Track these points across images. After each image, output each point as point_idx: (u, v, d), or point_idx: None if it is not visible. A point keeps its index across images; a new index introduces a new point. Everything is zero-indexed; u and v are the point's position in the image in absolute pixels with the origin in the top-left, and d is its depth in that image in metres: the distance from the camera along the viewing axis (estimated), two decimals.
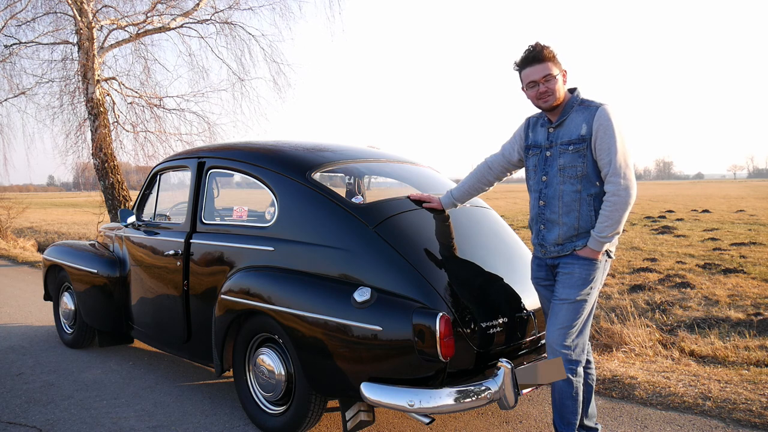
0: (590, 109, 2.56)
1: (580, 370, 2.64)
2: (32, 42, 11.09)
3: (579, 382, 2.63)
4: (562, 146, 2.60)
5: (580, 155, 2.55)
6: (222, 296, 3.23)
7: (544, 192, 2.67)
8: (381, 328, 2.54)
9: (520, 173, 3.01)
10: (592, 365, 2.85)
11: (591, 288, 2.60)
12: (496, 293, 2.93)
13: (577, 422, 2.65)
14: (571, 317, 2.58)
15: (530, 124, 2.82)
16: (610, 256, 2.66)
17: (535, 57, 2.57)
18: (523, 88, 2.68)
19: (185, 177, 3.97)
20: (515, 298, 2.94)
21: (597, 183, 2.56)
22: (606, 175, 2.52)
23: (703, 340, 4.73)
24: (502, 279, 2.99)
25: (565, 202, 2.60)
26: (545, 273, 2.77)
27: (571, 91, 2.66)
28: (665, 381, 3.71)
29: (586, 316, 2.63)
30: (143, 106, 11.57)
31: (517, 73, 2.68)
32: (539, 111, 2.77)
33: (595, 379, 2.87)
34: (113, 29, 10.77)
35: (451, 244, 3.02)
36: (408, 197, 3.14)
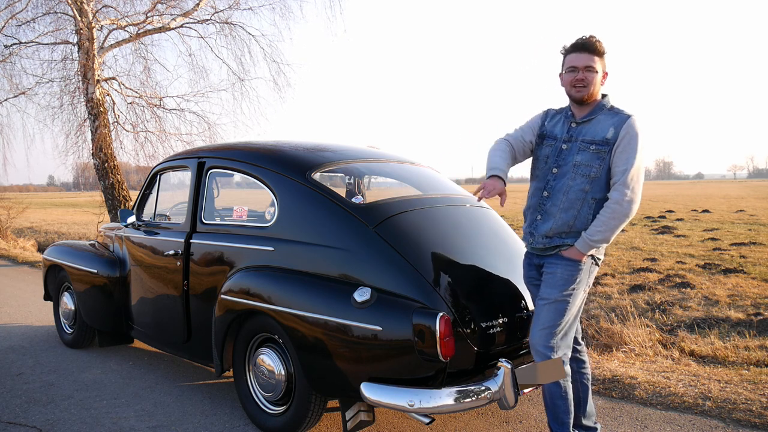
0: (620, 116, 2.55)
1: (567, 369, 2.62)
2: (32, 42, 11.09)
3: (567, 381, 2.63)
4: (584, 143, 2.57)
5: (599, 157, 2.54)
6: (222, 296, 3.23)
7: (552, 183, 2.64)
8: (381, 328, 2.54)
9: (519, 171, 2.99)
10: (587, 365, 2.85)
11: (573, 289, 2.58)
12: (496, 293, 2.93)
13: (571, 420, 2.65)
14: (553, 317, 2.56)
15: (549, 115, 2.79)
16: (596, 263, 2.66)
17: (585, 45, 2.55)
18: (561, 74, 2.66)
19: (185, 177, 3.97)
20: (515, 298, 2.95)
21: (604, 189, 2.57)
22: (615, 182, 2.51)
23: (703, 340, 4.73)
24: (502, 279, 2.99)
25: (569, 198, 2.58)
26: (535, 272, 2.77)
27: (602, 96, 2.65)
28: (665, 381, 3.71)
29: (570, 319, 2.61)
30: (143, 106, 11.59)
31: (562, 57, 2.65)
32: (563, 107, 2.76)
33: (590, 379, 2.87)
34: (113, 29, 10.78)
35: (451, 244, 3.02)
36: (476, 196, 2.71)
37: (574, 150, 2.60)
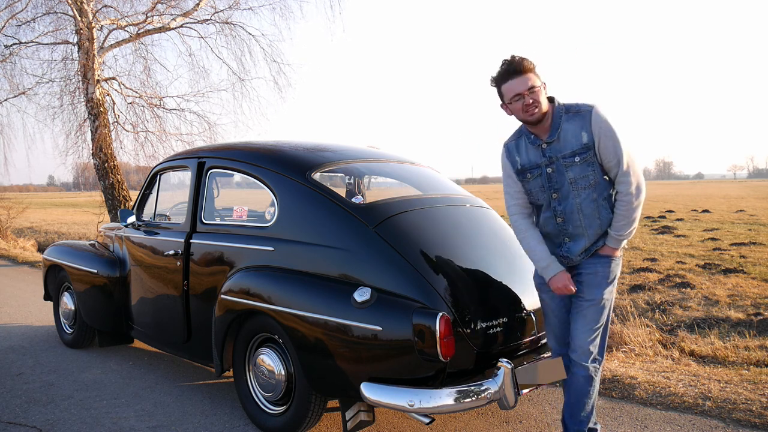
0: (582, 114, 2.48)
1: (600, 369, 2.64)
2: (32, 42, 11.09)
3: (597, 381, 2.63)
4: (566, 159, 2.51)
5: (588, 164, 2.50)
6: (222, 296, 3.23)
7: (559, 209, 2.58)
8: (381, 328, 2.54)
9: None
10: None
11: (613, 284, 2.62)
12: (496, 293, 2.93)
13: (589, 421, 2.64)
14: (599, 317, 2.58)
15: (510, 149, 2.69)
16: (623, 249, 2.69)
17: (516, 69, 2.45)
18: (503, 105, 2.56)
19: (185, 177, 3.97)
20: (515, 298, 2.94)
21: (608, 185, 2.55)
22: (616, 175, 2.49)
23: (703, 340, 4.73)
24: (502, 279, 2.99)
25: (585, 214, 2.54)
26: None
27: (550, 100, 2.57)
28: (665, 381, 3.71)
29: (609, 313, 2.65)
30: (143, 106, 11.58)
31: (495, 89, 2.55)
32: (515, 132, 2.69)
33: None
34: (113, 29, 10.78)
35: (451, 244, 3.02)
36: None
37: (561, 169, 2.52)
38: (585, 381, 2.59)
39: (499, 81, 2.52)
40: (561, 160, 2.52)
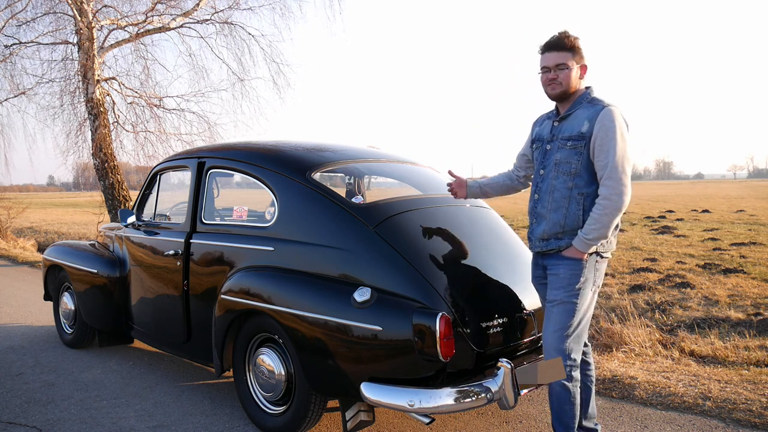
0: (596, 107, 2.53)
1: (576, 374, 2.59)
2: (32, 42, 11.09)
3: (576, 386, 2.59)
4: (562, 141, 2.59)
5: (576, 152, 2.53)
6: (222, 296, 3.23)
7: (540, 186, 2.68)
8: (381, 328, 2.54)
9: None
10: (592, 366, 2.84)
11: (579, 289, 2.54)
12: (496, 293, 2.93)
13: (576, 424, 2.64)
14: (563, 319, 2.54)
15: (538, 120, 2.85)
16: (602, 257, 2.60)
17: (556, 44, 2.57)
18: (539, 73, 2.68)
19: (185, 177, 3.97)
20: (515, 298, 2.95)
21: (590, 182, 2.54)
22: (601, 177, 2.48)
23: (703, 340, 4.73)
24: (502, 279, 2.99)
25: (555, 197, 2.59)
26: (541, 272, 2.76)
27: (586, 88, 2.65)
28: (665, 381, 3.71)
29: (581, 319, 2.57)
30: (143, 106, 11.58)
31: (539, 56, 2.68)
32: (549, 110, 2.80)
33: (594, 380, 2.86)
34: (113, 29, 10.78)
35: (451, 244, 3.02)
36: (449, 180, 3.18)
37: (555, 148, 2.63)
38: (562, 389, 2.56)
39: (541, 50, 2.64)
40: (559, 140, 2.61)
